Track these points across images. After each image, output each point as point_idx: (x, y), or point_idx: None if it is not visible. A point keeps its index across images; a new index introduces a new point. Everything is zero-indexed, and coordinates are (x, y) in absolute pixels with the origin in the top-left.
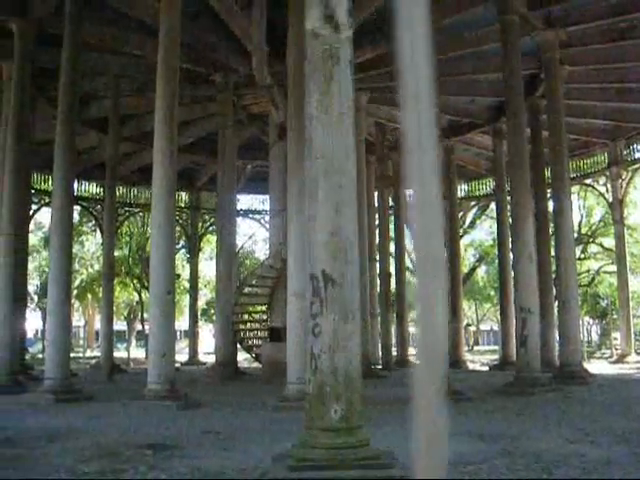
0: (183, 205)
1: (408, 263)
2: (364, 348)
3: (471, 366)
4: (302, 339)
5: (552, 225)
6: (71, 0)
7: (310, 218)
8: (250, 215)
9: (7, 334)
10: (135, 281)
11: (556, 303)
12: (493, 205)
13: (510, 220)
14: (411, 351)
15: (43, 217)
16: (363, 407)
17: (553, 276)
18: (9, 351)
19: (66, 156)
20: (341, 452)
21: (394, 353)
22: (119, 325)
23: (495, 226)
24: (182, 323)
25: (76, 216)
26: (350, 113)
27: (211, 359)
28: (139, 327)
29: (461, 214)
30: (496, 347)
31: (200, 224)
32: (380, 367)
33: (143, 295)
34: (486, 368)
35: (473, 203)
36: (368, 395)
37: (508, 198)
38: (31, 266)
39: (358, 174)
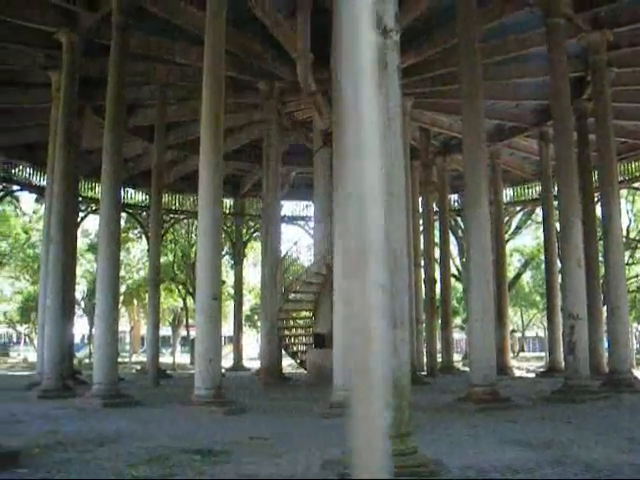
0: (228, 211)
1: (453, 269)
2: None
3: (517, 373)
4: (348, 345)
5: (600, 229)
6: (118, 10)
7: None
8: (294, 221)
9: (56, 339)
10: (180, 287)
11: (605, 309)
12: (539, 210)
13: (557, 225)
14: (456, 357)
15: (89, 224)
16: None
17: (601, 281)
18: (58, 356)
19: (113, 164)
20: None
21: (439, 359)
22: (164, 330)
23: (541, 231)
24: (226, 329)
25: (122, 223)
26: (398, 118)
27: (255, 365)
28: (184, 333)
29: (507, 219)
30: (542, 354)
31: (244, 230)
32: (425, 373)
33: (188, 301)
34: (532, 375)
35: (519, 208)
36: (413, 402)
37: (555, 202)
38: (78, 272)
39: None
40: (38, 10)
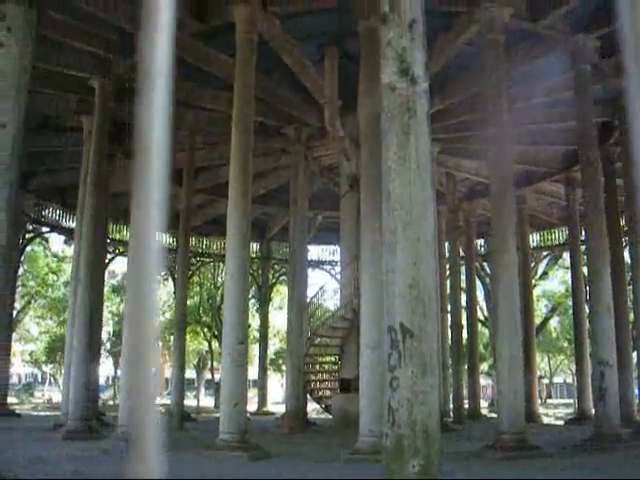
0: (254, 255)
1: (479, 314)
2: None
3: (545, 420)
4: (375, 391)
5: (629, 275)
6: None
7: (388, 270)
8: (320, 266)
9: (82, 380)
10: (205, 330)
11: (634, 355)
12: (565, 254)
13: (585, 270)
14: (482, 403)
15: (116, 265)
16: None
17: (631, 327)
18: (83, 397)
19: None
20: None
21: (465, 405)
22: (188, 373)
23: (568, 276)
24: (251, 372)
25: None
26: (428, 165)
27: (279, 409)
28: (208, 376)
29: (533, 264)
30: (570, 400)
31: (270, 274)
32: (451, 420)
33: (213, 344)
34: (561, 422)
35: (545, 253)
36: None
37: (582, 247)
38: (104, 313)
39: None
40: (72, 56)
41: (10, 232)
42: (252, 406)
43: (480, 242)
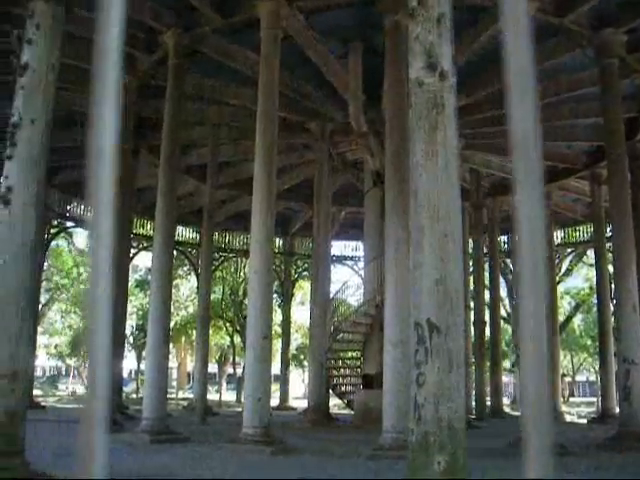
0: (277, 250)
1: (502, 311)
2: None
3: (568, 418)
4: (398, 387)
5: None
6: (173, 53)
7: (415, 266)
8: (343, 261)
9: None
10: (228, 324)
11: None
12: (590, 251)
13: (610, 267)
14: (505, 401)
15: (139, 260)
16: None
17: None
18: (108, 390)
19: (167, 203)
20: None
21: (488, 403)
22: (211, 367)
23: (592, 273)
24: (273, 368)
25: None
26: (455, 161)
27: (301, 404)
28: (230, 370)
29: (557, 261)
30: (593, 399)
31: (293, 269)
32: (474, 417)
33: (235, 338)
34: (584, 421)
35: (569, 250)
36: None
37: (607, 244)
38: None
39: None
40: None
41: (38, 227)
42: (274, 401)
43: (504, 239)
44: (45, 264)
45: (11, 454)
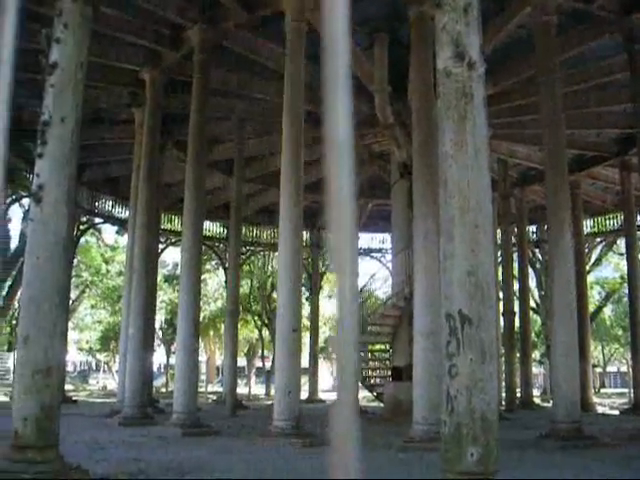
0: (304, 243)
1: (531, 302)
2: None
3: (599, 409)
4: (428, 379)
5: None
6: (199, 48)
7: (445, 257)
8: (370, 254)
9: (137, 367)
10: (255, 318)
11: None
12: (620, 241)
13: None
14: (535, 392)
15: (167, 255)
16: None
17: None
18: (139, 384)
19: (196, 197)
20: None
21: (518, 394)
22: (239, 361)
23: (623, 263)
24: (302, 361)
25: None
26: (485, 151)
27: (330, 397)
28: (259, 364)
29: (587, 251)
30: (624, 390)
31: (321, 262)
32: (504, 409)
33: (263, 332)
34: (616, 412)
35: (599, 239)
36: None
37: (638, 233)
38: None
39: None
40: (123, 50)
41: (69, 224)
42: (303, 394)
43: (532, 229)
44: (74, 260)
45: (46, 448)
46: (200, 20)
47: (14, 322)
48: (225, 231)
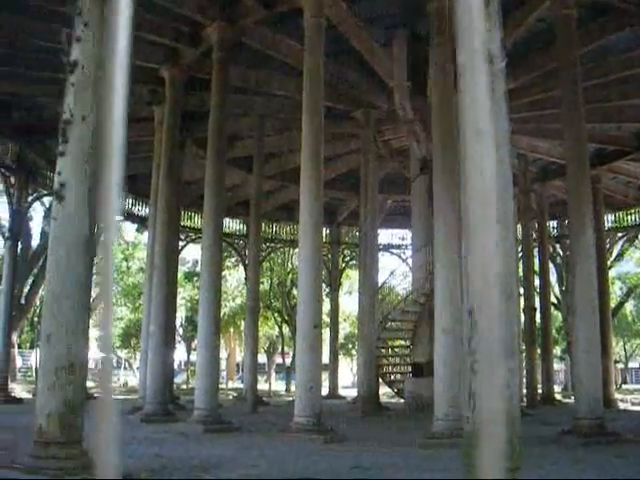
0: (324, 240)
1: (552, 298)
2: None
3: (621, 405)
4: (450, 374)
5: None
6: (218, 46)
7: (467, 252)
8: (389, 250)
9: (158, 365)
10: (276, 315)
11: None
12: None
13: None
14: (556, 388)
15: (187, 252)
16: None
17: None
18: (160, 381)
19: (216, 194)
20: None
21: (539, 390)
22: (259, 358)
23: None
24: (322, 357)
25: None
26: (506, 146)
27: (349, 393)
28: (279, 360)
29: (608, 246)
30: None
31: (340, 259)
32: (525, 405)
33: (283, 328)
34: (638, 408)
35: (621, 234)
36: None
37: None
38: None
39: None
40: (142, 48)
41: (91, 222)
42: (323, 390)
43: (553, 224)
44: (95, 258)
45: (71, 443)
46: (219, 17)
47: (36, 320)
48: (245, 228)
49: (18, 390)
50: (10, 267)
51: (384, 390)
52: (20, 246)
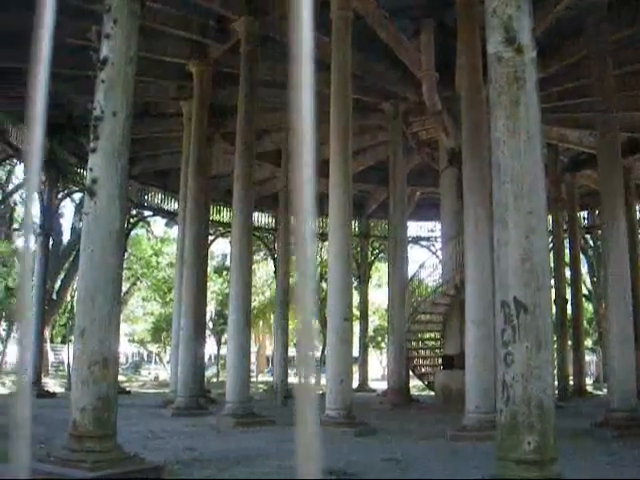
0: (353, 233)
1: (584, 289)
2: None
3: None
4: (481, 367)
5: None
6: (245, 40)
7: (499, 244)
8: (419, 242)
9: (189, 359)
10: None
11: None
12: None
13: None
14: (588, 380)
15: (216, 247)
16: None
17: None
18: (191, 374)
19: (245, 188)
20: None
21: (570, 382)
22: (289, 351)
23: None
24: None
25: None
26: (538, 136)
27: (379, 386)
28: None
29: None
30: None
31: (369, 251)
32: (556, 397)
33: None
34: None
35: None
36: None
37: None
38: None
39: None
40: (170, 43)
41: (122, 217)
42: (354, 383)
43: (583, 214)
44: (125, 253)
45: (104, 437)
46: (246, 11)
47: (67, 315)
48: (274, 221)
49: (51, 384)
50: (42, 263)
51: (414, 383)
52: (51, 242)
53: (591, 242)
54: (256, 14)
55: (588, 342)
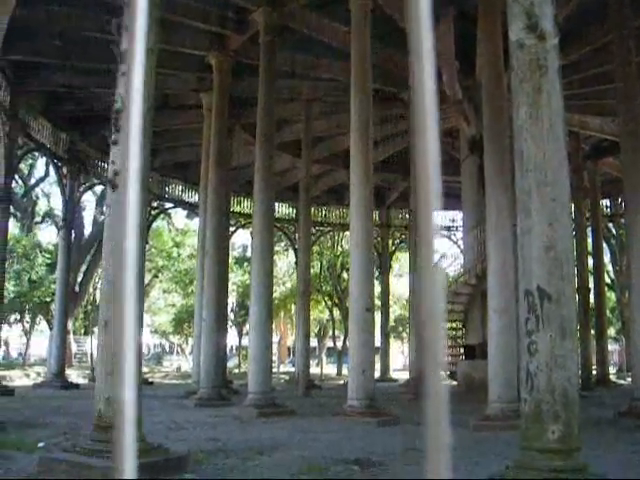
0: (374, 223)
1: (607, 278)
2: None
3: None
4: (504, 356)
5: None
6: (264, 31)
7: (523, 232)
8: (440, 232)
9: (211, 350)
10: (326, 298)
11: None
12: None
13: None
14: (611, 370)
15: (236, 238)
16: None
17: None
18: (213, 365)
19: (265, 179)
20: (560, 475)
21: (593, 372)
22: (310, 341)
23: None
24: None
25: None
26: (561, 123)
27: (401, 376)
28: (330, 344)
29: None
30: None
31: (390, 241)
32: (580, 386)
33: (334, 312)
34: None
35: None
36: None
37: None
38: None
39: None
40: (189, 35)
41: (143, 210)
42: (375, 373)
43: (606, 202)
44: (146, 245)
45: None
46: (264, 2)
47: (89, 307)
48: (294, 212)
49: (74, 376)
50: (64, 255)
51: None
52: (73, 235)
53: (614, 230)
54: (274, 5)
55: (611, 331)
